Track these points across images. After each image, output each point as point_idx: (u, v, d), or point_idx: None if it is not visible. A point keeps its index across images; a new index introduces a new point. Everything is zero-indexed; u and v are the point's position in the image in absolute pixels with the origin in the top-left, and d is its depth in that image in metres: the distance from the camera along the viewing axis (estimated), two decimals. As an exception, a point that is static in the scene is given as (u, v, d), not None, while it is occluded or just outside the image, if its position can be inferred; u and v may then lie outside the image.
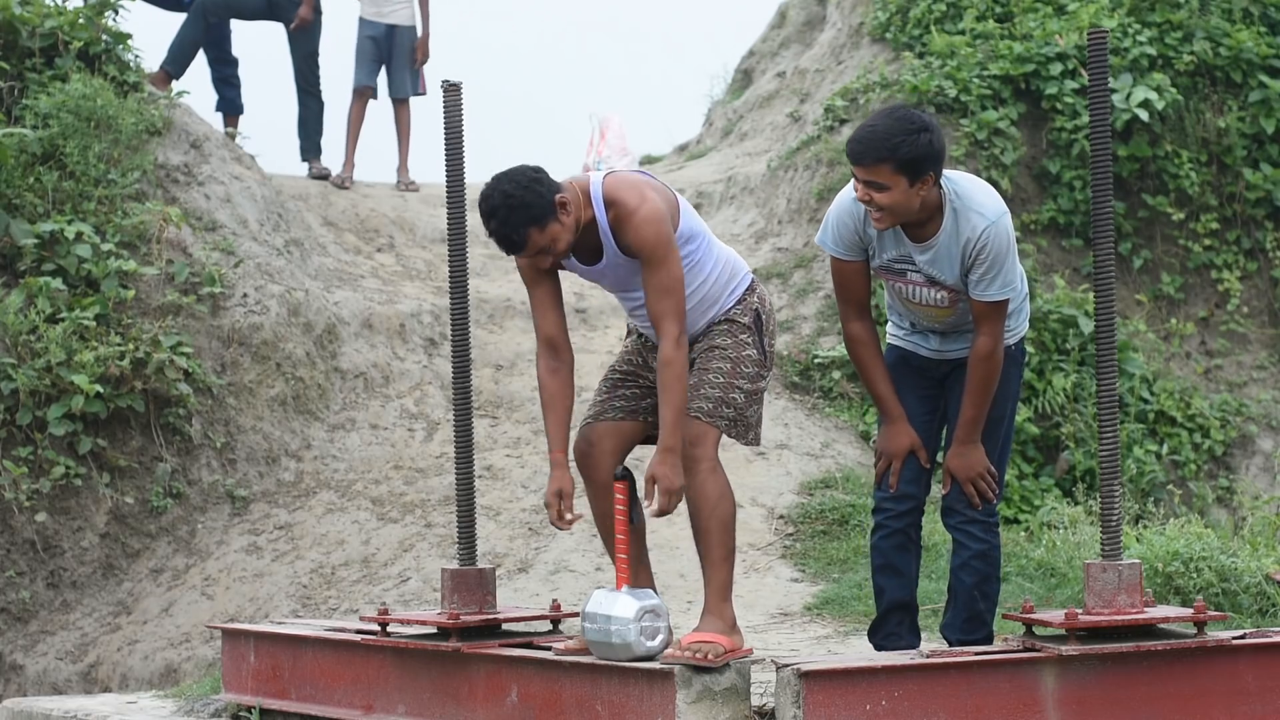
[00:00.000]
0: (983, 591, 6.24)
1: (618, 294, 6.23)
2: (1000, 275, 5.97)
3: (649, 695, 5.66)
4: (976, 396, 6.07)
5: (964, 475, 6.15)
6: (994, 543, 6.23)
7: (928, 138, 5.84)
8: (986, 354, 6.02)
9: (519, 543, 9.87)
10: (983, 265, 5.95)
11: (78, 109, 11.33)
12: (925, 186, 5.88)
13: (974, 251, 5.95)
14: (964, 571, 6.23)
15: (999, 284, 5.98)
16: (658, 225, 5.91)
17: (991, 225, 5.95)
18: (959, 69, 13.04)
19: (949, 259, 6.00)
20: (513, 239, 5.86)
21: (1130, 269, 13.10)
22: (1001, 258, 5.95)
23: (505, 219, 5.84)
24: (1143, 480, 11.76)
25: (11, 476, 10.26)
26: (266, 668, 6.89)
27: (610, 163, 14.59)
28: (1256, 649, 5.93)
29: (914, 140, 5.82)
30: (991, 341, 6.00)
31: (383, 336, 11.77)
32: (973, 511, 6.20)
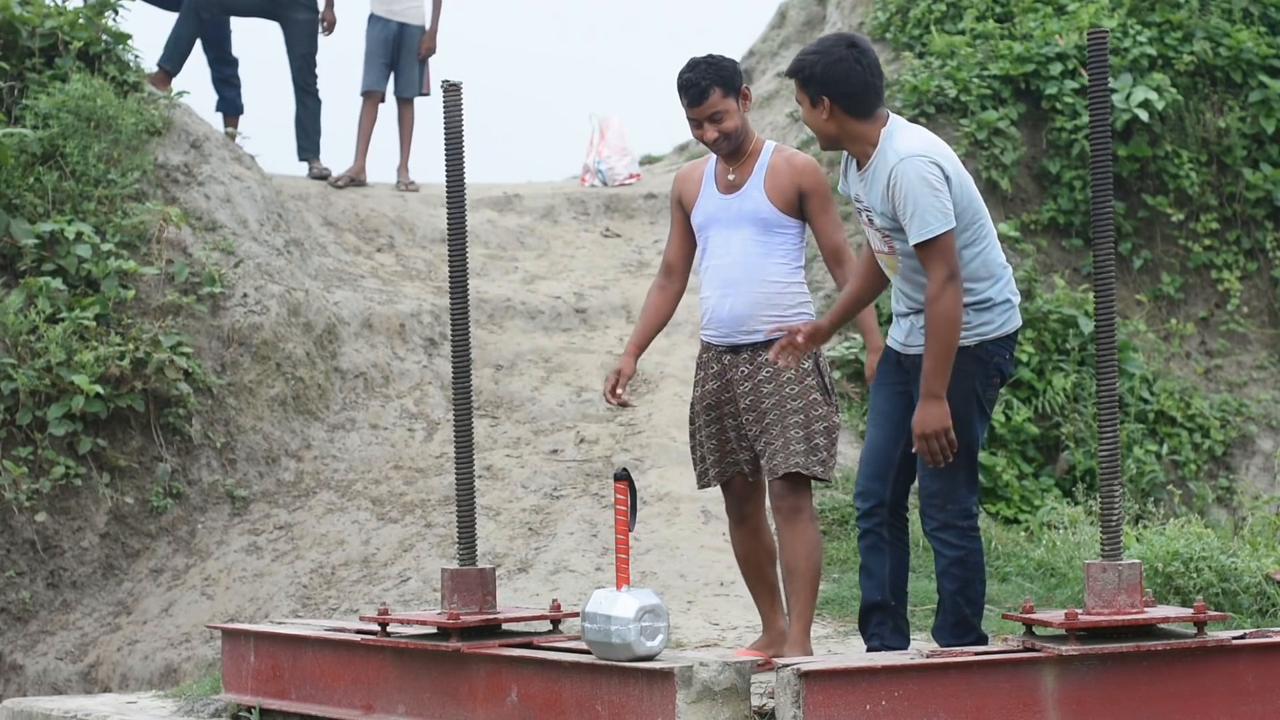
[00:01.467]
0: (966, 597, 6.16)
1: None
2: (916, 215, 5.95)
3: (649, 695, 5.66)
4: (930, 347, 5.99)
5: (917, 430, 6.01)
6: (971, 547, 6.14)
7: (816, 59, 6.14)
8: (932, 297, 5.97)
9: (519, 543, 9.87)
10: (899, 203, 5.99)
11: (78, 109, 11.33)
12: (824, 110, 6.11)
13: (892, 184, 6.01)
14: (945, 579, 6.16)
15: (916, 225, 5.95)
16: None
17: (901, 161, 6.01)
18: (959, 69, 13.04)
19: (877, 192, 6.08)
20: (701, 85, 6.69)
21: (1130, 269, 13.11)
22: (913, 196, 5.95)
23: (703, 70, 6.72)
24: (1143, 480, 11.76)
25: (11, 476, 10.26)
26: (266, 668, 6.89)
27: (610, 163, 14.60)
28: (1256, 649, 5.93)
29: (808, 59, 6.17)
30: (935, 285, 5.95)
31: (383, 336, 11.77)
32: (946, 516, 6.10)
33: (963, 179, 6.12)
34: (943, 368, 5.99)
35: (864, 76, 6.11)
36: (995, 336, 6.15)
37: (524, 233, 13.65)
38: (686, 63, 6.80)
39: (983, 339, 6.13)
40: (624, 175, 14.61)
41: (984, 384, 6.14)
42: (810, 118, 6.17)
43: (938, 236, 5.96)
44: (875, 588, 6.26)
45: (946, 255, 5.97)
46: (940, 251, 5.96)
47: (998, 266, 6.18)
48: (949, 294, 5.95)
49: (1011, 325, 6.20)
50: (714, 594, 9.06)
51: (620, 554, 5.95)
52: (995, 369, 6.16)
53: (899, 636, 6.26)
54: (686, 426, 7.28)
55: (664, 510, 10.03)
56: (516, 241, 13.52)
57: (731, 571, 9.16)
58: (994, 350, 6.15)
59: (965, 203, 6.08)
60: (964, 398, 6.08)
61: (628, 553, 5.96)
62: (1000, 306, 6.16)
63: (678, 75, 6.79)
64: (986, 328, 6.14)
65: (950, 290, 5.95)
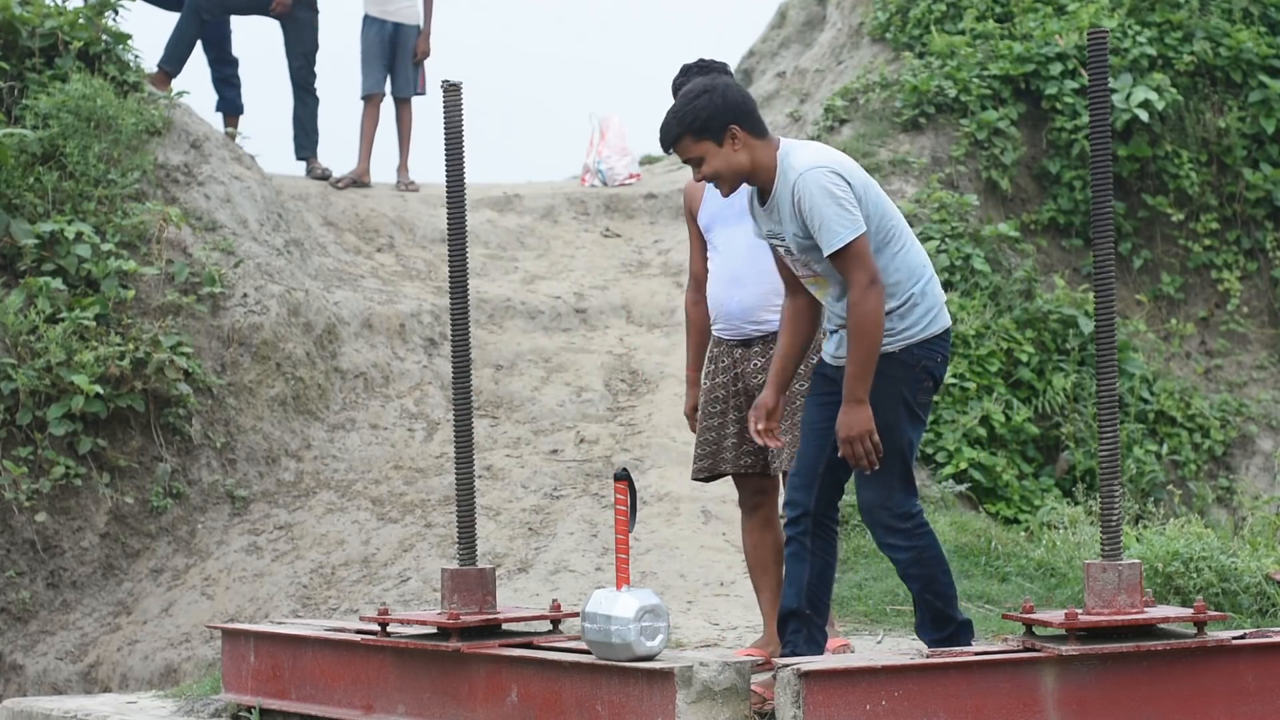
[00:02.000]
0: (934, 592, 6.11)
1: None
2: (824, 226, 5.91)
3: (649, 695, 5.66)
4: (853, 352, 5.95)
5: (841, 434, 5.97)
6: (922, 544, 6.08)
7: (707, 98, 6.01)
8: (853, 303, 5.93)
9: (519, 543, 9.87)
10: (807, 218, 5.96)
11: (78, 109, 11.33)
12: (735, 142, 6.00)
13: (796, 204, 5.97)
14: (908, 580, 6.14)
15: (825, 235, 5.91)
16: None
17: (801, 175, 5.97)
18: (959, 69, 13.04)
19: (787, 216, 6.03)
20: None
21: (1130, 269, 13.11)
22: (818, 208, 5.92)
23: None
24: (1143, 480, 11.76)
25: (11, 476, 10.26)
26: (266, 668, 6.89)
27: (610, 163, 14.60)
28: (1256, 649, 5.93)
29: (695, 105, 6.00)
30: (856, 291, 5.91)
31: (383, 336, 11.77)
32: (889, 521, 6.06)
33: (868, 185, 6.08)
34: (865, 372, 5.95)
35: (750, 97, 6.13)
36: (921, 339, 6.09)
37: (524, 233, 13.65)
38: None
39: (909, 342, 6.08)
40: (624, 175, 14.62)
41: (913, 389, 6.09)
42: (719, 161, 6.02)
43: (850, 243, 5.92)
44: (794, 595, 6.25)
45: (863, 260, 5.93)
46: (855, 257, 5.93)
47: (918, 267, 6.11)
48: (870, 298, 5.92)
49: (938, 325, 6.13)
50: (714, 594, 9.06)
51: (620, 554, 5.95)
52: (925, 372, 6.10)
53: (812, 645, 6.22)
54: (686, 427, 7.33)
55: (664, 510, 10.03)
56: (516, 241, 13.52)
57: (731, 571, 9.16)
58: (921, 354, 6.09)
59: (873, 208, 6.04)
60: (892, 404, 6.03)
61: (628, 552, 5.96)
62: (923, 307, 6.10)
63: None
64: (911, 330, 6.08)
65: (872, 294, 5.92)
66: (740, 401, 6.95)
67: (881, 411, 5.99)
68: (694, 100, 6.01)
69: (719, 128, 6.00)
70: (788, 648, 6.25)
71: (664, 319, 12.29)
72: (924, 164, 12.78)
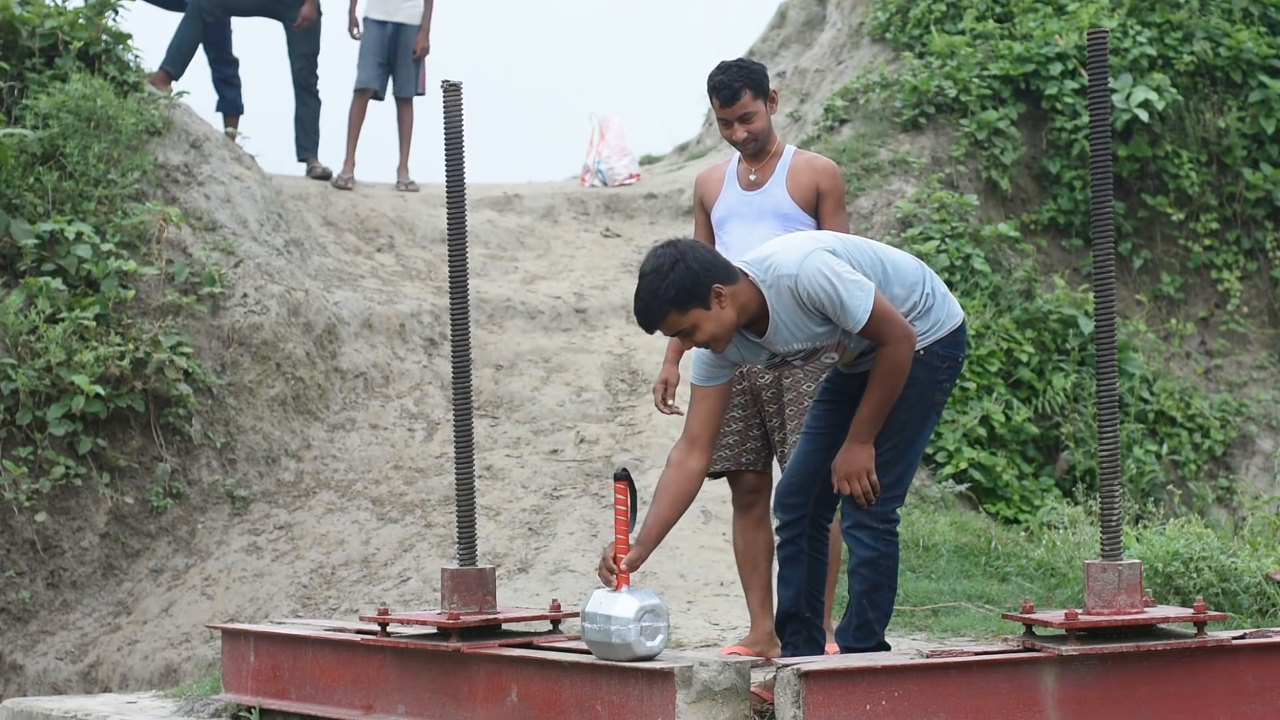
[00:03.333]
0: (872, 600, 6.05)
1: None
2: (845, 302, 5.81)
3: (649, 695, 5.66)
4: (873, 396, 5.90)
5: (841, 471, 5.96)
6: (885, 551, 6.04)
7: (682, 267, 5.77)
8: (886, 353, 5.87)
9: (519, 543, 9.87)
10: (824, 305, 5.84)
11: (78, 109, 11.33)
12: (721, 300, 5.82)
13: (807, 302, 5.85)
14: (854, 578, 6.08)
15: (850, 308, 5.82)
16: None
17: (795, 276, 5.83)
18: (959, 69, 13.04)
19: (796, 326, 5.90)
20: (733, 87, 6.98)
21: (1130, 269, 13.11)
22: (831, 289, 5.81)
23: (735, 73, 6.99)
24: (1143, 480, 11.76)
25: (11, 476, 10.26)
26: (266, 668, 6.89)
27: (610, 163, 14.60)
28: (1256, 649, 5.93)
29: (673, 279, 5.77)
30: (889, 349, 5.86)
31: (383, 336, 11.77)
32: (863, 516, 6.02)
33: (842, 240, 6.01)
34: (878, 416, 5.92)
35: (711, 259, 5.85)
36: (943, 335, 6.06)
37: (524, 233, 13.65)
38: (719, 65, 6.99)
39: (932, 341, 6.04)
40: (624, 175, 14.62)
41: (934, 389, 6.06)
42: (712, 324, 5.82)
43: (874, 309, 5.84)
44: (791, 598, 6.25)
45: (890, 316, 5.86)
46: (882, 317, 5.85)
47: (912, 270, 6.05)
48: (904, 349, 5.87)
49: (954, 318, 6.09)
50: (714, 594, 9.06)
51: (621, 554, 5.95)
52: (945, 371, 6.07)
53: (812, 646, 6.23)
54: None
55: (664, 510, 10.01)
56: (516, 241, 13.52)
57: (731, 571, 9.16)
58: (943, 353, 6.06)
59: (858, 258, 5.96)
60: (914, 406, 6.00)
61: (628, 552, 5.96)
62: (937, 304, 6.06)
63: (710, 77, 6.98)
64: (933, 330, 6.04)
65: (905, 345, 5.87)
66: (744, 400, 6.97)
67: (901, 411, 5.99)
68: (669, 275, 5.77)
69: (703, 293, 5.79)
70: (788, 649, 6.26)
71: (664, 319, 12.27)
72: (924, 164, 12.79)
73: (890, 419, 5.99)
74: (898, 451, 6.02)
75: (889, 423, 6.00)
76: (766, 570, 7.06)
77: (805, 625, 6.25)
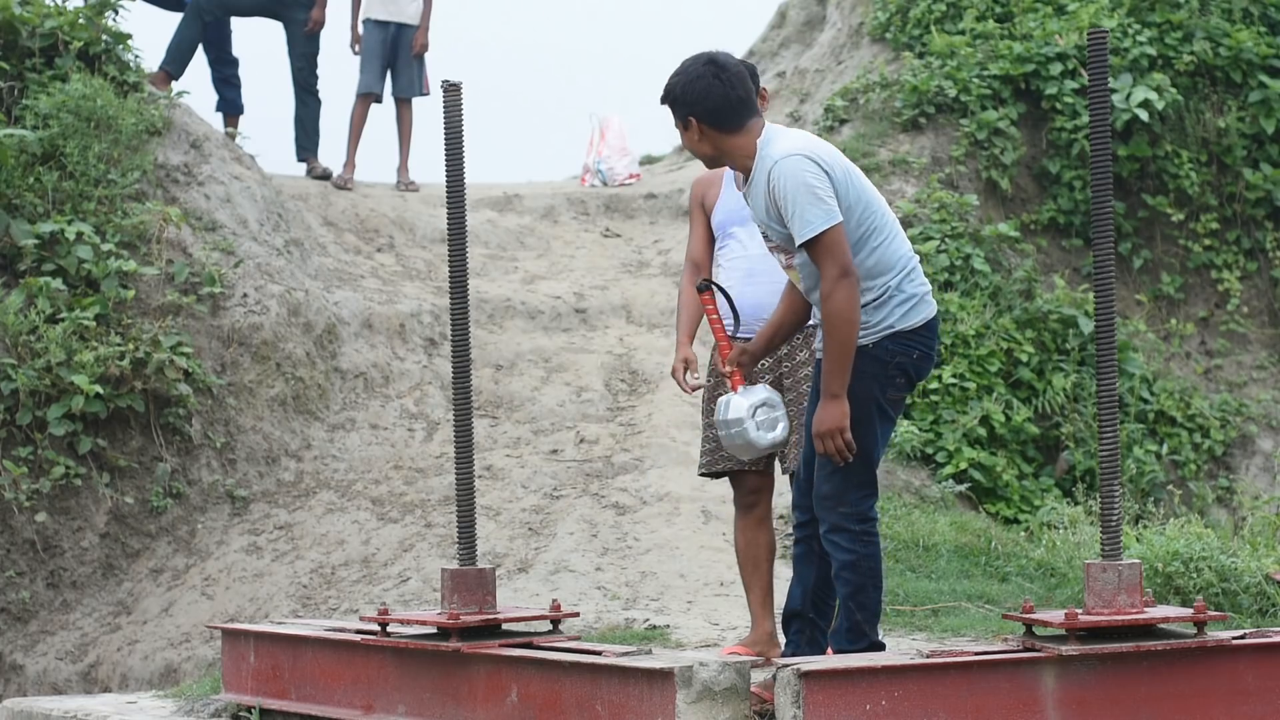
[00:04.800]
0: (859, 602, 6.01)
1: None
2: (797, 215, 5.84)
3: (649, 695, 5.66)
4: (828, 344, 5.88)
5: (815, 429, 5.92)
6: (864, 552, 5.99)
7: (678, 80, 6.05)
8: (825, 295, 5.85)
9: (519, 543, 9.87)
10: (782, 206, 5.90)
11: (78, 109, 11.33)
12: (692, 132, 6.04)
13: (771, 188, 5.92)
14: (838, 582, 6.04)
15: (798, 224, 5.84)
16: None
17: (776, 164, 5.91)
18: (959, 69, 13.04)
19: (761, 202, 6.00)
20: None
21: (1130, 269, 13.11)
22: (791, 196, 5.85)
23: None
24: (1143, 480, 11.76)
25: (11, 476, 10.26)
26: (266, 668, 6.89)
27: (610, 163, 14.60)
28: (1256, 649, 5.93)
29: (670, 83, 6.08)
30: (827, 283, 5.83)
31: (383, 336, 11.77)
32: (838, 519, 5.99)
33: (850, 174, 5.98)
34: (840, 367, 5.87)
35: (724, 91, 5.99)
36: (894, 332, 5.98)
37: (524, 233, 13.65)
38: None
39: (881, 336, 5.98)
40: (624, 175, 14.62)
41: (884, 385, 6.00)
42: (686, 140, 6.11)
43: (822, 233, 5.83)
44: (799, 596, 6.26)
45: (835, 251, 5.84)
46: (828, 248, 5.84)
47: (897, 260, 6.00)
48: (842, 290, 5.82)
49: (914, 319, 6.01)
50: (714, 594, 9.06)
51: (723, 349, 6.26)
52: (898, 368, 5.99)
53: (814, 647, 6.22)
54: (686, 426, 7.36)
55: (664, 510, 10.03)
56: (516, 241, 13.52)
57: (732, 572, 9.16)
58: (895, 349, 5.98)
59: (855, 198, 5.94)
60: (861, 401, 5.94)
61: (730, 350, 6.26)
62: (897, 299, 5.99)
63: None
64: (884, 324, 5.98)
65: (843, 286, 5.82)
66: None
67: (850, 407, 5.94)
68: (672, 78, 6.07)
69: (681, 114, 6.04)
70: (789, 647, 6.26)
71: (664, 319, 12.28)
72: (924, 164, 12.78)
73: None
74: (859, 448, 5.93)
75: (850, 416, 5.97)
76: (768, 570, 7.06)
77: (809, 625, 6.25)
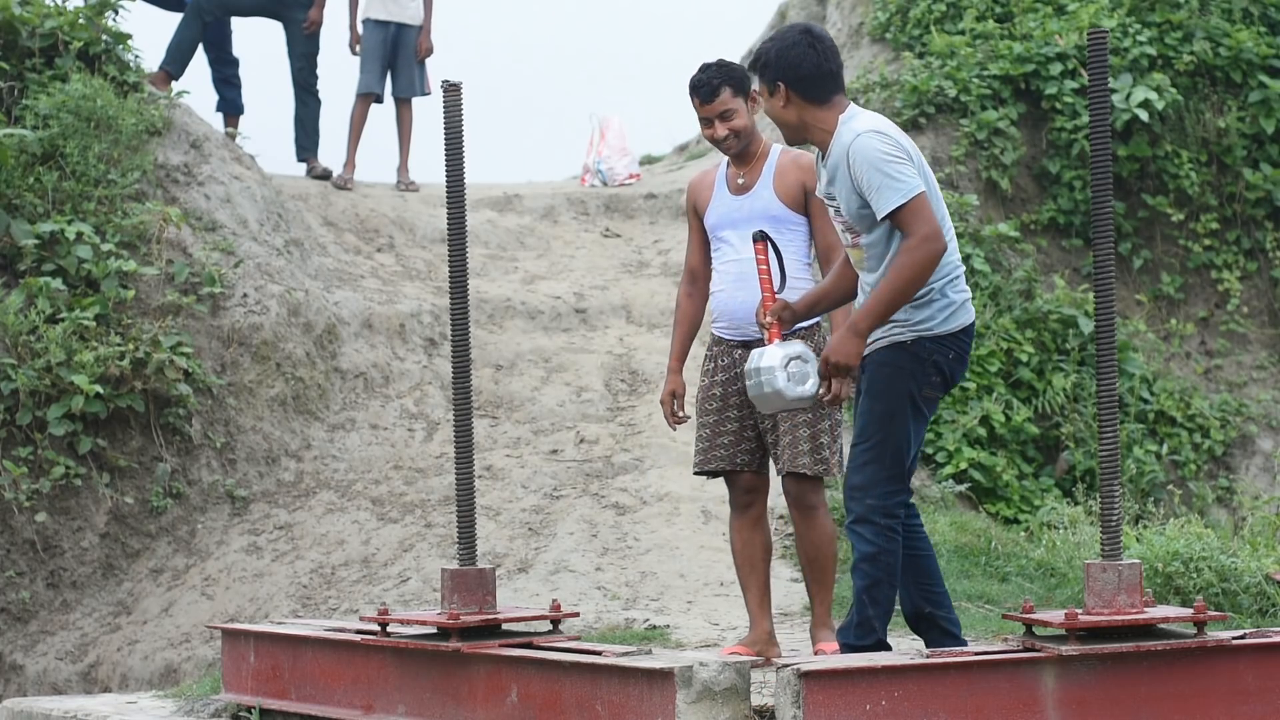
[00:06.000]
0: (872, 597, 6.02)
1: None
2: (883, 185, 5.87)
3: (649, 695, 5.66)
4: (882, 284, 5.91)
5: (830, 357, 5.98)
6: (887, 546, 6.01)
7: (772, 46, 6.13)
8: (907, 247, 5.87)
9: (519, 543, 9.87)
10: (861, 180, 5.93)
11: (78, 109, 11.33)
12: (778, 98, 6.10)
13: (850, 163, 5.95)
14: (855, 573, 6.05)
15: (885, 194, 5.87)
16: None
17: (857, 138, 5.96)
18: (959, 69, 13.04)
19: (838, 176, 6.04)
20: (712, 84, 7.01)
21: (1130, 269, 13.11)
22: (875, 167, 5.89)
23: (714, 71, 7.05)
24: (1143, 480, 11.76)
25: (11, 476, 10.26)
26: (266, 668, 6.89)
27: (610, 163, 14.60)
28: (1256, 649, 5.93)
29: (762, 49, 6.14)
30: (913, 239, 5.85)
31: (383, 336, 11.77)
32: (863, 510, 6.00)
33: (923, 166, 6.06)
34: (881, 310, 5.91)
35: (817, 61, 6.07)
36: (934, 334, 6.03)
37: (524, 233, 13.65)
38: (699, 66, 7.06)
39: (920, 335, 6.02)
40: (624, 175, 14.62)
41: (920, 382, 6.04)
42: (770, 106, 6.15)
43: (910, 200, 5.87)
44: (908, 600, 6.24)
45: (923, 215, 5.87)
46: (915, 213, 5.87)
47: (946, 263, 6.04)
48: (925, 249, 5.85)
49: (953, 323, 6.06)
50: (714, 594, 9.06)
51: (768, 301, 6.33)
52: (934, 367, 6.04)
53: (948, 639, 6.20)
54: (686, 427, 7.37)
55: (664, 510, 10.03)
56: (516, 241, 13.52)
57: (731, 571, 9.16)
58: (932, 348, 6.03)
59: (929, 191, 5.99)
60: (897, 396, 6.00)
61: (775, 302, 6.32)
62: (940, 303, 6.03)
63: (690, 79, 7.05)
64: (926, 323, 6.02)
65: (927, 247, 5.85)
66: (739, 400, 6.98)
67: (885, 400, 5.99)
68: (766, 43, 6.13)
69: (771, 79, 6.08)
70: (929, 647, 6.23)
71: (664, 319, 12.28)
72: (924, 164, 12.78)
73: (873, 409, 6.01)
74: (885, 445, 6.00)
75: (872, 414, 6.01)
76: (764, 570, 7.08)
77: (931, 620, 6.24)
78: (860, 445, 6.05)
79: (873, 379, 6.07)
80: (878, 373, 6.05)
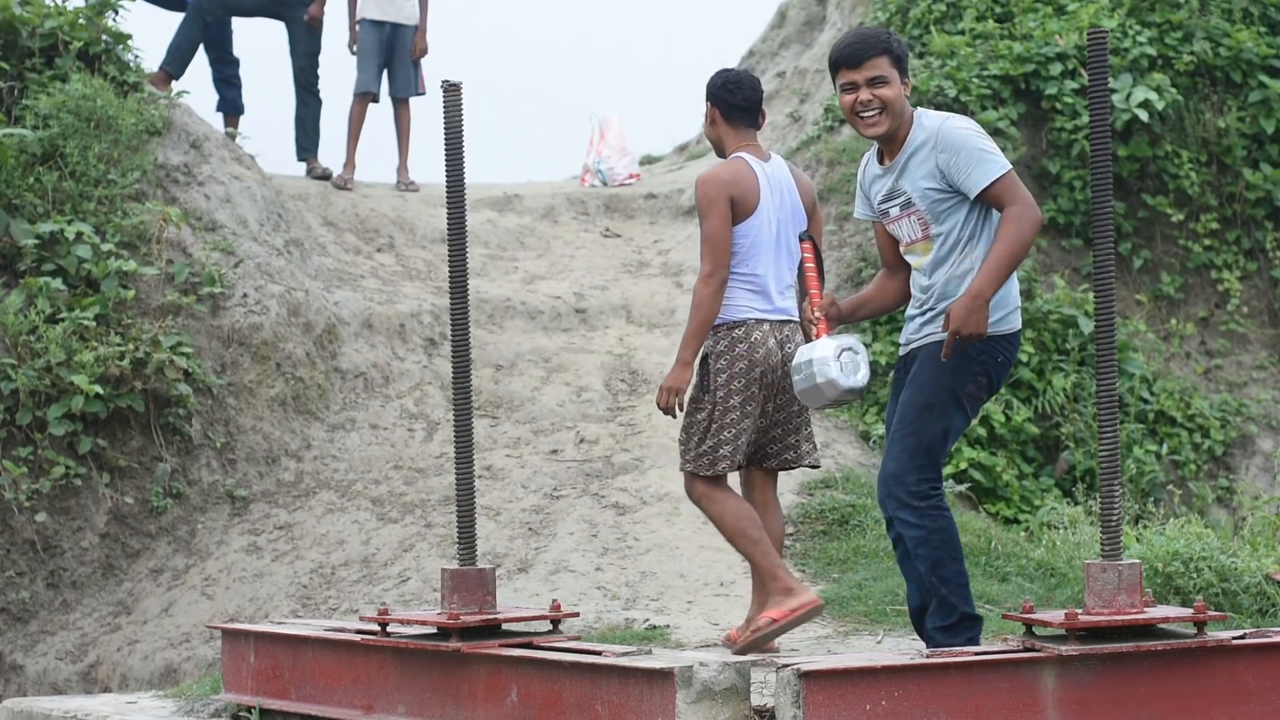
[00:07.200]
0: (940, 576, 6.13)
1: None
2: (979, 162, 6.06)
3: (649, 695, 5.66)
4: (997, 248, 6.03)
5: (957, 328, 6.03)
6: (935, 525, 6.11)
7: (900, 39, 6.32)
8: (1013, 216, 6.03)
9: (519, 543, 9.87)
10: (955, 159, 6.08)
11: (78, 109, 11.33)
12: (907, 88, 6.25)
13: (938, 144, 6.11)
14: (916, 560, 6.18)
15: (982, 169, 6.06)
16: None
17: (947, 119, 6.18)
18: (959, 69, 13.04)
19: (919, 163, 6.15)
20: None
21: (1130, 269, 13.11)
22: (969, 146, 6.08)
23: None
24: (1143, 480, 11.76)
25: (11, 476, 10.26)
26: (266, 668, 6.90)
27: (610, 163, 14.60)
28: (1256, 649, 5.93)
29: (897, 39, 6.29)
30: (1016, 209, 6.01)
31: (383, 336, 11.77)
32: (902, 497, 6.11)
33: None
34: (1002, 272, 6.02)
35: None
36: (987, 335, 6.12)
37: (524, 233, 13.65)
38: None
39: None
40: (624, 175, 14.62)
41: (965, 378, 6.14)
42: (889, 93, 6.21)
43: (1004, 174, 6.05)
44: (915, 593, 6.31)
45: (1018, 189, 6.06)
46: (1009, 187, 6.05)
47: None
48: (1031, 214, 6.02)
49: (1004, 327, 6.18)
50: (714, 594, 9.06)
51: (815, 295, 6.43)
52: (980, 366, 6.14)
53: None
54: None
55: (664, 510, 10.03)
56: (516, 241, 13.52)
57: (731, 571, 9.16)
58: (982, 347, 6.14)
59: None
60: (941, 388, 6.11)
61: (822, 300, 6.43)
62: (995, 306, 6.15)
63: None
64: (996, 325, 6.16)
65: (1033, 213, 6.02)
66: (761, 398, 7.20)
67: (927, 392, 6.08)
68: (889, 34, 6.27)
69: (903, 70, 6.22)
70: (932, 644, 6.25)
71: (664, 319, 12.28)
72: (924, 164, 12.78)
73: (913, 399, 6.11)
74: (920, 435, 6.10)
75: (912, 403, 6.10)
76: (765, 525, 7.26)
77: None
78: (897, 433, 6.16)
79: (919, 370, 6.20)
80: (924, 365, 6.17)
